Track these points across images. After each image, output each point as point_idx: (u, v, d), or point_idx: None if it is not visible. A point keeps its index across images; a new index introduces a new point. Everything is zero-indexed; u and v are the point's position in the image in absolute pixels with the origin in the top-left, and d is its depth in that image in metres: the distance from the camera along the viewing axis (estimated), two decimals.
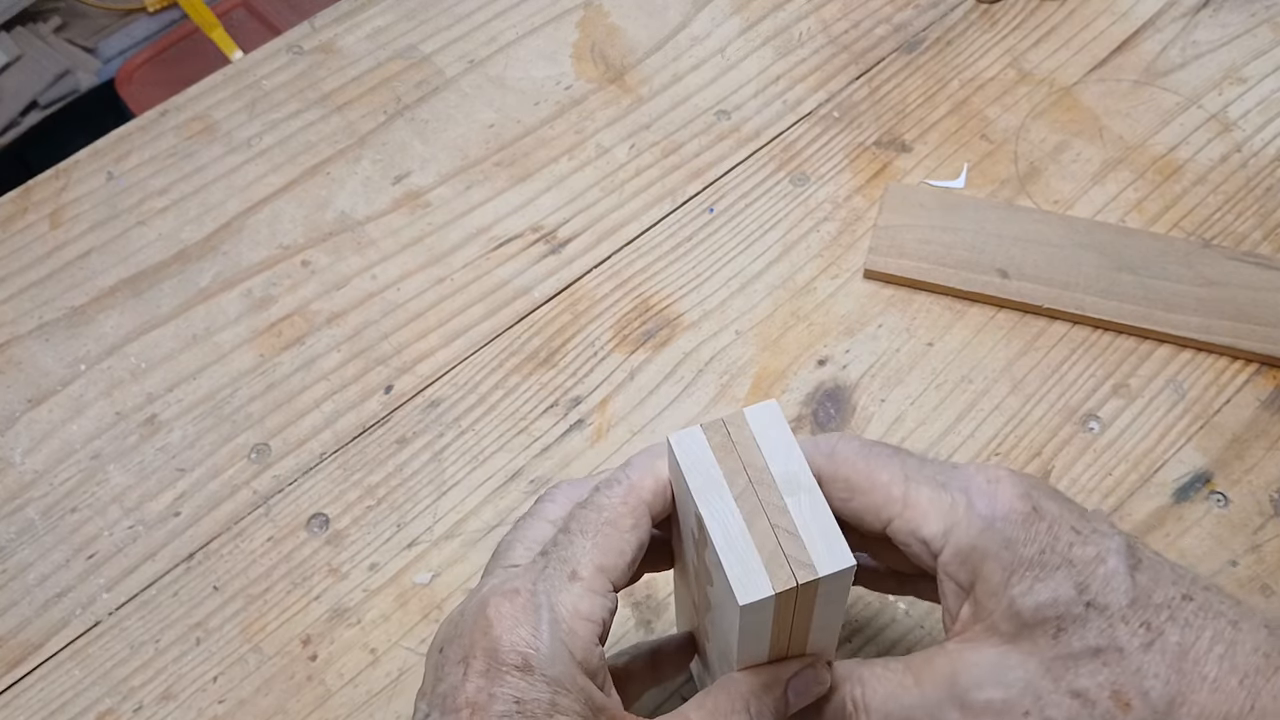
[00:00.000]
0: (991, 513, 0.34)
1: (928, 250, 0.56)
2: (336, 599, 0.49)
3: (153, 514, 0.52)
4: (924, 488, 0.35)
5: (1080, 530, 0.34)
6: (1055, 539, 0.34)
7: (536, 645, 0.33)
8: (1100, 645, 0.33)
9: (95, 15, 1.47)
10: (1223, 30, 0.64)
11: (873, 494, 0.36)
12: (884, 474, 0.36)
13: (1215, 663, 0.33)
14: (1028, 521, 0.34)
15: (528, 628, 0.33)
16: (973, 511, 0.34)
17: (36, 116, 1.39)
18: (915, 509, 0.35)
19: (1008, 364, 0.54)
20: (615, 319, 0.56)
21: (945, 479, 0.36)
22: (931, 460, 0.37)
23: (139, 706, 0.47)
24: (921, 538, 0.35)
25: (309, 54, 0.66)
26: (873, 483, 0.36)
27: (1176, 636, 0.33)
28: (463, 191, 0.61)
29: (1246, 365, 0.53)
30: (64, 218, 0.61)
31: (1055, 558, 0.34)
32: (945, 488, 0.35)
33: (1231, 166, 0.59)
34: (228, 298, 0.58)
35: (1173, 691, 0.32)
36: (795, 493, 0.33)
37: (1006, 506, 0.34)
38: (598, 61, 0.65)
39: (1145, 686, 0.33)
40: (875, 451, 0.37)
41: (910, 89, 0.63)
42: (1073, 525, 0.34)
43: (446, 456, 0.53)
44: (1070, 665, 0.33)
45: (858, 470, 0.36)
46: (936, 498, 0.35)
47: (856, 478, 0.36)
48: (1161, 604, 0.33)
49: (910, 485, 0.35)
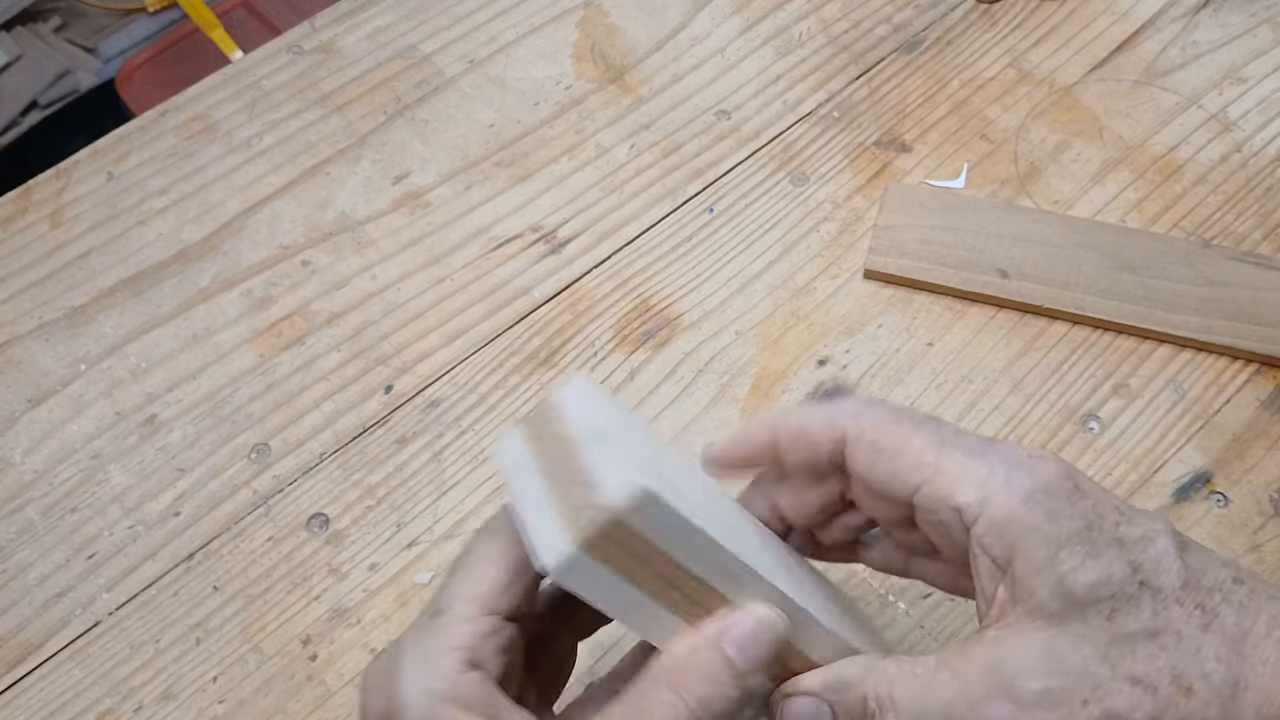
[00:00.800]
0: (1033, 484, 0.32)
1: (928, 250, 0.56)
2: (336, 599, 0.49)
3: (153, 514, 0.52)
4: (958, 454, 0.33)
5: (1124, 511, 0.32)
6: (1101, 517, 0.32)
7: (392, 695, 0.31)
8: (1157, 628, 0.31)
9: (95, 15, 1.47)
10: (1223, 30, 0.64)
11: (902, 458, 0.33)
12: (916, 438, 0.34)
13: (1275, 646, 0.31)
14: (1071, 497, 0.32)
15: (388, 681, 0.32)
16: (1012, 481, 0.32)
17: (36, 116, 1.39)
18: (948, 475, 0.33)
19: (1008, 364, 0.54)
20: (615, 319, 0.56)
21: (983, 449, 0.33)
22: (968, 431, 0.35)
23: (139, 706, 0.47)
24: (954, 505, 0.33)
25: (309, 54, 0.66)
26: (903, 446, 0.34)
27: (1233, 618, 0.31)
28: (463, 191, 0.61)
29: (1246, 365, 0.53)
30: (64, 218, 0.61)
31: (1103, 535, 0.31)
32: (982, 456, 0.33)
33: (1231, 166, 0.59)
34: (228, 298, 0.58)
35: (1235, 675, 0.31)
36: (594, 445, 0.30)
37: (1048, 479, 0.32)
38: (598, 61, 0.65)
39: (1206, 670, 0.31)
40: (907, 415, 0.34)
41: (910, 89, 0.63)
42: (1116, 505, 0.33)
43: (446, 456, 0.53)
44: (1127, 649, 0.31)
45: (886, 432, 0.34)
46: (972, 465, 0.33)
47: (885, 440, 0.34)
48: (1213, 587, 0.31)
49: (944, 450, 0.33)
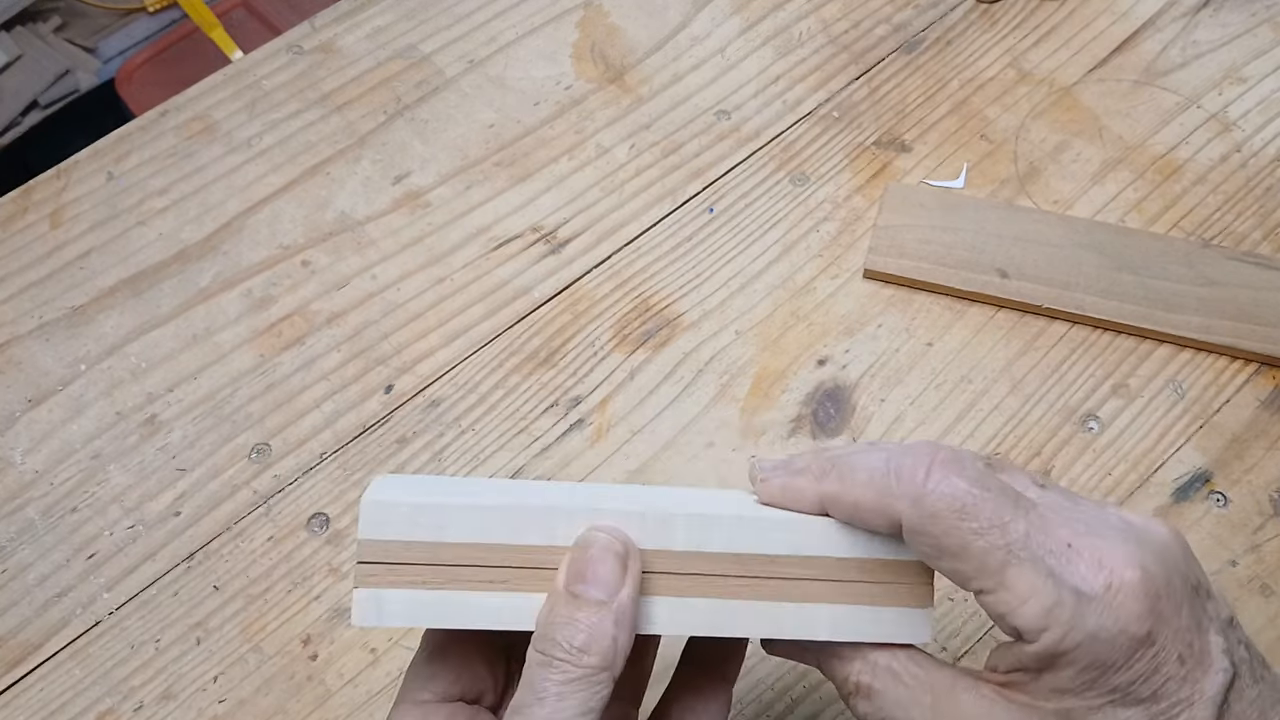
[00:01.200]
0: (1099, 630, 0.30)
1: (927, 250, 0.56)
2: (337, 599, 0.49)
3: (153, 514, 0.52)
4: (1027, 570, 0.30)
5: (1186, 660, 0.30)
6: (1155, 670, 0.30)
7: None
8: None
9: (95, 15, 1.46)
10: (1223, 30, 0.64)
11: (964, 562, 0.31)
12: (980, 542, 0.30)
13: None
14: (1135, 647, 0.30)
15: None
16: (1079, 623, 0.30)
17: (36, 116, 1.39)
18: (1013, 594, 0.30)
19: (1007, 364, 0.54)
20: (615, 319, 0.56)
21: (1056, 563, 0.30)
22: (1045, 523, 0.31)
23: (139, 706, 0.47)
24: (1013, 626, 0.31)
25: (309, 54, 0.66)
26: (965, 550, 0.31)
27: None
28: (463, 191, 0.61)
29: (1246, 365, 0.53)
30: (64, 218, 0.61)
31: (1145, 690, 0.30)
32: (1054, 577, 0.30)
33: (1231, 166, 0.59)
34: (228, 298, 0.58)
35: None
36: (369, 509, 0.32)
37: (1119, 628, 0.29)
38: (598, 61, 0.65)
39: None
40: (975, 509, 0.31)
41: (910, 89, 0.63)
42: (1181, 654, 0.30)
43: (446, 456, 0.53)
44: None
45: (947, 532, 0.31)
46: (1041, 588, 0.30)
47: (946, 541, 0.31)
48: None
49: (1012, 564, 0.30)
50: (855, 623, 0.34)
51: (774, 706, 0.46)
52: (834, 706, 0.46)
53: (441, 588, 0.32)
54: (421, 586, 0.31)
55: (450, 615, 0.32)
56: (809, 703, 0.46)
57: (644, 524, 0.33)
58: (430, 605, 0.32)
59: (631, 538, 0.32)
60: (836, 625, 0.33)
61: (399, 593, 0.31)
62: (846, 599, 0.33)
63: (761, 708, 0.46)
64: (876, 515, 0.33)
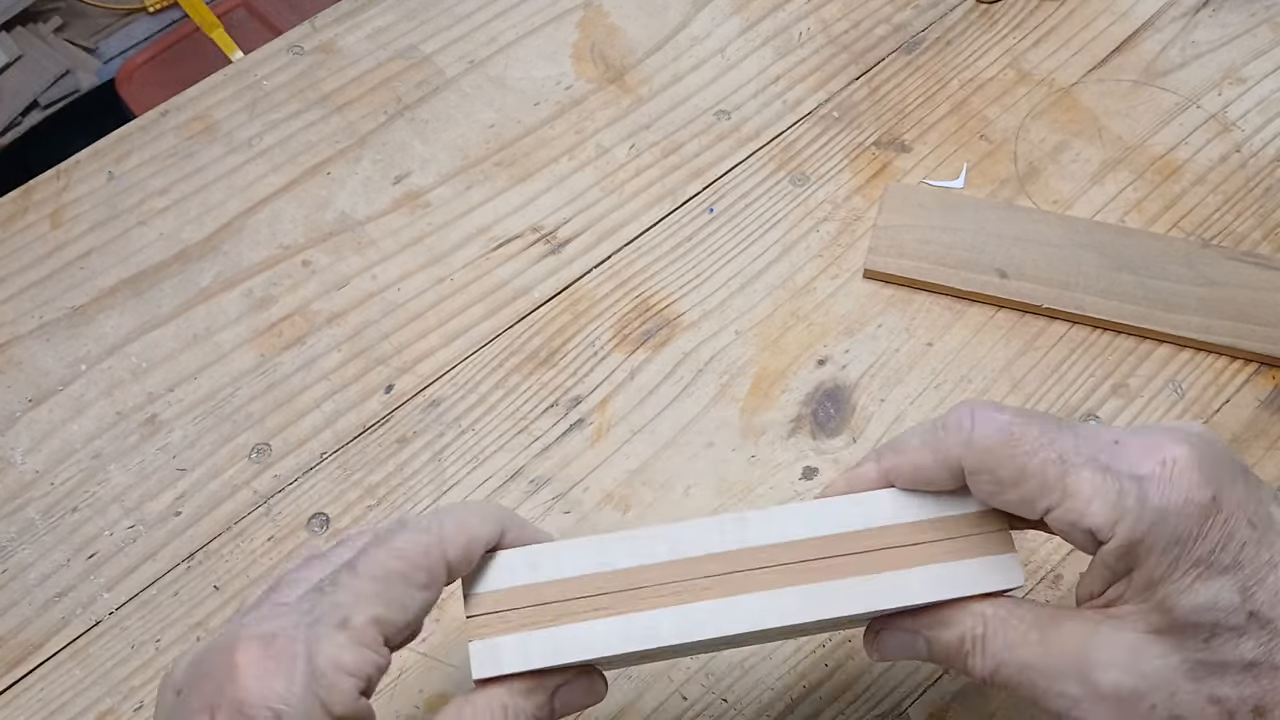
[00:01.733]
0: (1165, 504, 0.31)
1: (927, 250, 0.56)
2: None
3: (153, 514, 0.52)
4: (1085, 472, 0.31)
5: (1257, 525, 0.31)
6: (1229, 536, 0.31)
7: (288, 700, 0.29)
8: (1256, 659, 0.31)
9: (95, 15, 1.46)
10: (1222, 30, 0.64)
11: (1024, 485, 0.32)
12: (1034, 461, 0.32)
13: None
14: (1204, 515, 0.31)
15: (281, 679, 0.30)
16: (1145, 503, 0.31)
17: (37, 116, 1.39)
18: (1078, 498, 0.31)
19: (1007, 364, 0.54)
20: (615, 319, 0.56)
21: (1110, 459, 0.32)
22: (1091, 431, 0.33)
23: (139, 706, 0.47)
24: (1085, 528, 0.32)
25: (309, 54, 0.66)
26: (1023, 473, 0.32)
27: None
28: (463, 191, 0.61)
29: (1246, 365, 0.53)
30: (64, 218, 0.61)
31: (1225, 556, 0.31)
32: (1110, 471, 0.31)
33: (1231, 166, 0.59)
34: (228, 298, 0.58)
35: None
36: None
37: (1183, 498, 0.31)
38: (598, 61, 0.65)
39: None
40: (1021, 433, 0.32)
41: (910, 89, 0.63)
42: (1250, 519, 0.31)
43: (447, 456, 0.53)
44: (1217, 671, 0.31)
45: (1002, 460, 0.32)
46: (1102, 484, 0.31)
47: (1004, 469, 0.32)
48: None
49: (1069, 471, 0.32)
50: (947, 580, 0.34)
51: (774, 706, 0.46)
52: (834, 706, 0.46)
53: (549, 625, 0.33)
54: (531, 628, 0.33)
55: (563, 649, 0.33)
56: (809, 703, 0.46)
57: (722, 528, 0.35)
58: (542, 643, 0.33)
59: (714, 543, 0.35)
60: (931, 585, 0.34)
61: (511, 637, 0.33)
62: (932, 559, 0.34)
63: (761, 708, 0.46)
64: (938, 469, 0.34)
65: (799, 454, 0.52)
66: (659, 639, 0.34)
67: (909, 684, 0.46)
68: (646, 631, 0.34)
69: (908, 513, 0.35)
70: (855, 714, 0.46)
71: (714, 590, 0.34)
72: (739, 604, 0.34)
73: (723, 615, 0.34)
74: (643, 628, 0.34)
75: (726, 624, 0.34)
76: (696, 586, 0.34)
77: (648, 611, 0.34)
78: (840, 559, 0.35)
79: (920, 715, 0.46)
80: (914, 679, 0.46)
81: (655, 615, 0.34)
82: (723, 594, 0.34)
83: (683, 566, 0.34)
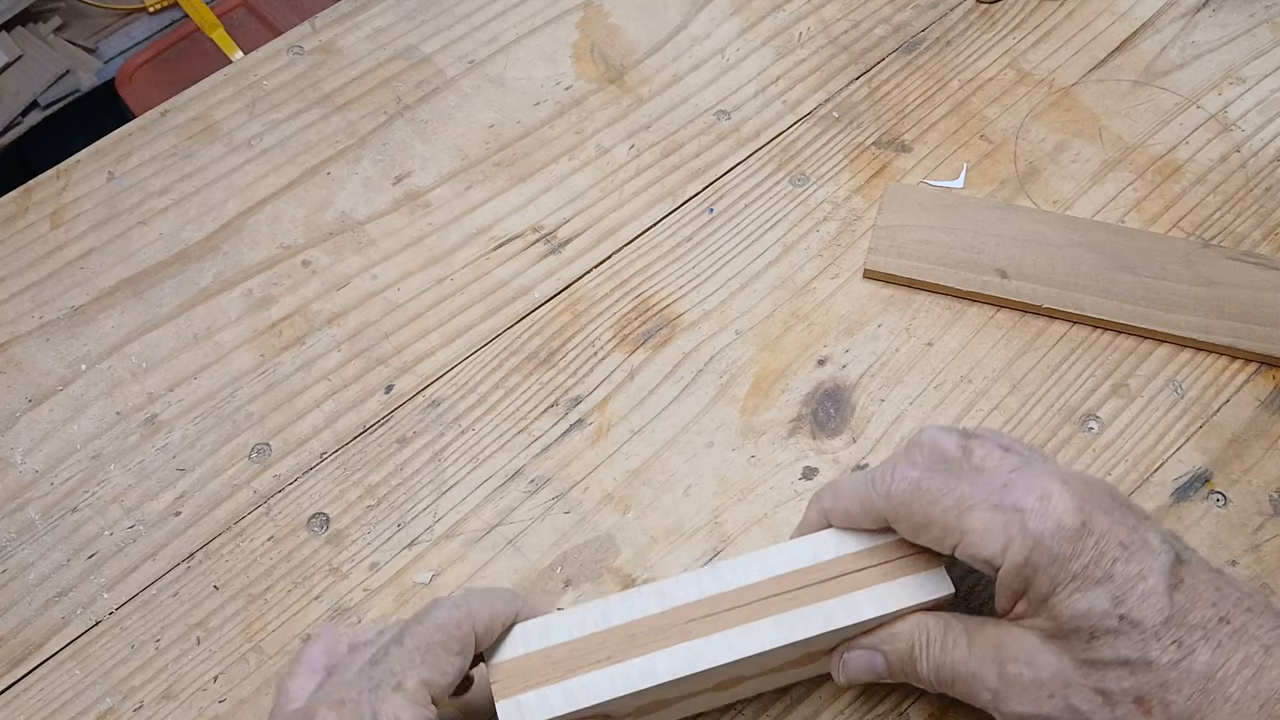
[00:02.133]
0: (1041, 529, 0.36)
1: (927, 250, 0.56)
2: (337, 598, 0.49)
3: (153, 514, 0.52)
4: (979, 512, 0.38)
5: (1127, 545, 0.36)
6: (1101, 554, 0.36)
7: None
8: (1130, 657, 0.36)
9: (95, 15, 1.46)
10: (1222, 30, 0.64)
11: (932, 528, 0.39)
12: (937, 507, 0.38)
13: (1240, 685, 0.35)
14: (1075, 537, 0.36)
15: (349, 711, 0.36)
16: (1025, 530, 0.37)
17: (36, 116, 1.39)
18: (974, 534, 0.38)
19: (1007, 364, 0.54)
20: (615, 319, 0.56)
21: (999, 498, 0.38)
22: (986, 478, 0.39)
23: (139, 706, 0.47)
24: (983, 559, 0.38)
25: (309, 54, 0.66)
26: (929, 518, 0.39)
27: (1206, 657, 0.35)
28: (463, 191, 0.61)
29: (1246, 365, 0.53)
30: (64, 218, 0.61)
31: (1098, 571, 0.36)
32: (999, 508, 0.37)
33: (1231, 166, 0.59)
34: (228, 298, 0.58)
35: (1193, 708, 0.35)
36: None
37: (1055, 523, 0.36)
38: (598, 61, 0.65)
39: (1168, 699, 0.36)
40: (927, 486, 0.39)
41: (910, 89, 0.63)
42: (1121, 540, 0.37)
43: (446, 456, 0.53)
44: (1100, 668, 0.37)
45: (913, 510, 0.39)
46: (991, 520, 0.37)
47: (915, 517, 0.39)
48: (1196, 624, 0.36)
49: (965, 513, 0.38)
50: (889, 597, 0.41)
51: (774, 706, 0.46)
52: (834, 706, 0.46)
53: (562, 679, 0.39)
54: (547, 684, 0.39)
55: (576, 696, 0.39)
56: (809, 703, 0.46)
57: (699, 579, 0.41)
58: (559, 694, 0.39)
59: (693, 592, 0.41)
60: (876, 603, 0.41)
61: (532, 694, 0.39)
62: (874, 581, 0.41)
63: (761, 707, 0.46)
64: (864, 516, 0.41)
65: (799, 454, 0.52)
66: (656, 677, 0.39)
67: (909, 684, 0.46)
68: (645, 673, 0.39)
69: (849, 546, 0.42)
70: (855, 714, 0.46)
71: (699, 630, 0.40)
72: (721, 639, 0.40)
73: (708, 650, 0.40)
74: (641, 670, 0.40)
75: (713, 657, 0.40)
76: (684, 630, 0.40)
77: (645, 656, 0.40)
78: (800, 591, 0.41)
79: (920, 715, 0.46)
80: None
81: (651, 658, 0.40)
82: (706, 632, 0.40)
83: (670, 615, 0.41)
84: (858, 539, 0.42)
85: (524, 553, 0.50)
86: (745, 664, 0.41)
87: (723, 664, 0.40)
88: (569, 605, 0.49)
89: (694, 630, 0.40)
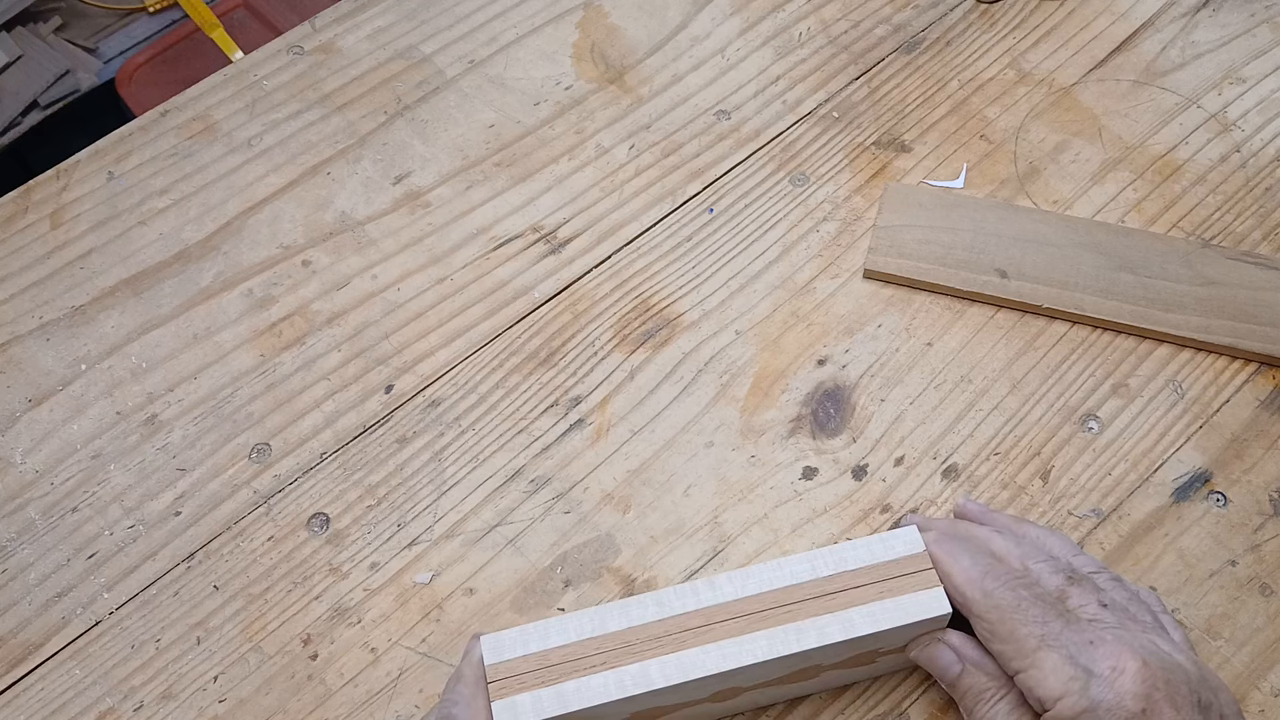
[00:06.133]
0: (1100, 699, 0.38)
1: (927, 250, 0.56)
2: (337, 598, 0.49)
3: (153, 514, 0.52)
4: (1054, 654, 0.39)
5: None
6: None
7: None
8: None
9: (95, 15, 1.46)
10: (1222, 30, 0.64)
11: (1009, 644, 0.40)
12: (1024, 629, 0.40)
13: None
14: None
15: None
16: (1086, 693, 0.38)
17: (36, 116, 1.39)
18: (1039, 670, 0.39)
19: (1007, 364, 0.54)
20: (615, 319, 0.56)
21: (1077, 652, 0.39)
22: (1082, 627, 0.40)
23: (139, 706, 0.47)
24: (1037, 695, 0.39)
25: (309, 54, 0.66)
26: (1012, 634, 0.40)
27: None
28: (463, 191, 0.61)
29: (1246, 365, 0.53)
30: (64, 218, 0.61)
31: None
32: (1073, 661, 0.39)
33: (1231, 166, 0.59)
34: (228, 298, 0.58)
35: None
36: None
37: (1116, 699, 0.38)
38: (598, 61, 0.65)
39: None
40: (1027, 603, 0.40)
41: (910, 89, 0.63)
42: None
43: (446, 456, 0.53)
44: None
45: (1003, 620, 0.40)
46: (1061, 667, 0.39)
47: (1000, 627, 0.40)
48: None
49: (1042, 648, 0.39)
50: (885, 613, 0.42)
51: (774, 707, 0.46)
52: (834, 706, 0.46)
53: (557, 682, 0.40)
54: (542, 686, 0.40)
55: (569, 700, 0.40)
56: (809, 703, 0.46)
57: (696, 590, 0.42)
58: (554, 697, 0.40)
59: (690, 602, 0.42)
60: (872, 619, 0.41)
61: (527, 695, 0.40)
62: (871, 598, 0.42)
63: (761, 707, 0.46)
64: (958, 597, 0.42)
65: (799, 454, 0.52)
66: (650, 684, 0.40)
67: (908, 684, 0.46)
68: (639, 679, 0.40)
69: (847, 563, 0.43)
70: (855, 714, 0.46)
71: (694, 640, 0.41)
72: (715, 649, 0.41)
73: (702, 659, 0.41)
74: (635, 676, 0.40)
75: (706, 666, 0.40)
76: (679, 639, 0.41)
77: (639, 662, 0.41)
78: (796, 605, 0.42)
79: (920, 715, 0.46)
80: (913, 679, 0.47)
81: (645, 665, 0.40)
82: (701, 642, 0.41)
83: (666, 624, 0.41)
84: (858, 558, 0.43)
85: (524, 553, 0.50)
86: (739, 675, 0.41)
87: (715, 673, 0.40)
88: (569, 605, 0.49)
89: (689, 640, 0.41)
